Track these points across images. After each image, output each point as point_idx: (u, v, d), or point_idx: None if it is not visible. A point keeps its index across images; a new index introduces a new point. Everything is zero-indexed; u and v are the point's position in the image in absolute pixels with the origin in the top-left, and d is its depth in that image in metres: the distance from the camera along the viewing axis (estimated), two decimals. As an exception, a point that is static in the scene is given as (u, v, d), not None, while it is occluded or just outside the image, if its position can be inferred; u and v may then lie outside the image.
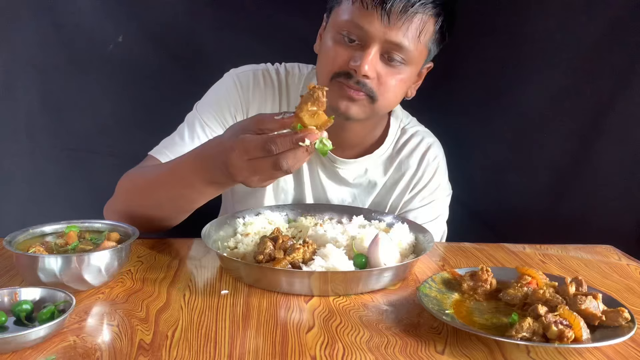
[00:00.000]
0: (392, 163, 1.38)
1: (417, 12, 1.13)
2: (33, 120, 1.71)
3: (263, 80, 1.34)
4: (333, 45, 1.18)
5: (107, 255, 0.93)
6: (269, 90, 1.35)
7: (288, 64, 1.39)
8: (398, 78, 1.19)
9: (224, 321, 0.85)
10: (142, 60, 1.71)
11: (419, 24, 1.15)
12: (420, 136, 1.40)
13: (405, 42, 1.14)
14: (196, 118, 1.30)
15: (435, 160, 1.38)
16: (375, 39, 1.14)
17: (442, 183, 1.40)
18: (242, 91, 1.33)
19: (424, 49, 1.20)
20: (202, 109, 1.31)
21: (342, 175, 1.36)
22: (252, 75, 1.34)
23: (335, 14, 1.20)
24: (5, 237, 0.95)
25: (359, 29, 1.14)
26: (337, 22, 1.18)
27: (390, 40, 1.13)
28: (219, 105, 1.31)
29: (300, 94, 1.31)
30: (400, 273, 1.01)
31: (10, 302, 0.82)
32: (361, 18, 1.13)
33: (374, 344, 0.79)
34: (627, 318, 0.80)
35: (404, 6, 1.11)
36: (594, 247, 1.28)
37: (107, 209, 1.25)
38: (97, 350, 0.75)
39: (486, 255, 1.19)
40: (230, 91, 1.32)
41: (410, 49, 1.15)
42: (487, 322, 0.85)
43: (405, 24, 1.13)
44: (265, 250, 1.01)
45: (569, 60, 1.58)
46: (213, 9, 1.70)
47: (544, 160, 1.66)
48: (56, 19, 1.66)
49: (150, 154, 1.27)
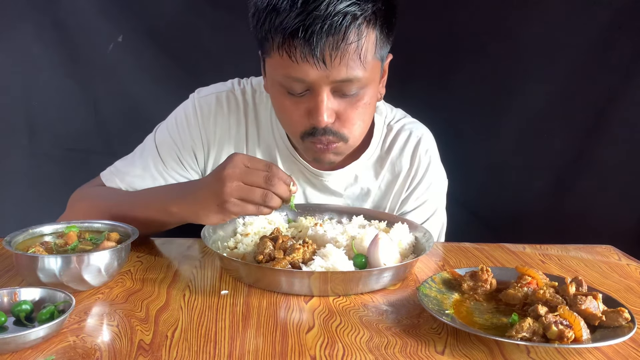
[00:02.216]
0: (382, 165, 1.32)
1: (351, 41, 1.01)
2: (33, 120, 1.71)
3: (227, 104, 1.28)
4: (282, 101, 1.11)
5: (107, 255, 0.93)
6: (232, 116, 1.28)
7: (255, 80, 1.32)
8: (360, 104, 1.10)
9: (224, 321, 0.85)
10: (142, 60, 1.71)
11: (359, 49, 1.03)
12: (408, 130, 1.33)
13: (352, 73, 1.04)
14: (152, 150, 1.27)
15: (427, 154, 1.33)
16: (320, 85, 1.04)
17: (436, 177, 1.35)
18: (203, 120, 1.27)
19: (374, 62, 1.09)
20: (160, 138, 1.27)
21: (332, 188, 1.31)
22: (214, 100, 1.28)
23: (268, 64, 1.11)
24: (5, 237, 0.95)
25: (300, 82, 1.05)
26: (274, 76, 1.10)
27: (336, 80, 1.04)
28: (177, 136, 1.27)
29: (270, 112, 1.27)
30: (400, 273, 1.01)
31: (10, 302, 0.82)
32: (296, 71, 1.03)
33: (374, 344, 0.79)
34: (627, 318, 0.80)
35: (334, 44, 1.00)
36: (594, 247, 1.28)
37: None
38: (96, 351, 0.75)
39: (486, 255, 1.19)
40: (190, 121, 1.27)
41: (360, 76, 1.05)
42: (487, 322, 0.85)
43: (344, 58, 1.02)
44: (265, 250, 1.01)
45: (570, 60, 1.58)
46: (213, 8, 1.70)
47: (544, 160, 1.66)
48: (56, 19, 1.66)
49: (99, 177, 1.27)
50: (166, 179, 1.26)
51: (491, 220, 1.71)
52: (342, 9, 0.99)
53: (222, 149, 1.29)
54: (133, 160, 1.28)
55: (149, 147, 1.28)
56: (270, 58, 1.08)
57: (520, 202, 1.69)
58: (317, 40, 0.99)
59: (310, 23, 0.98)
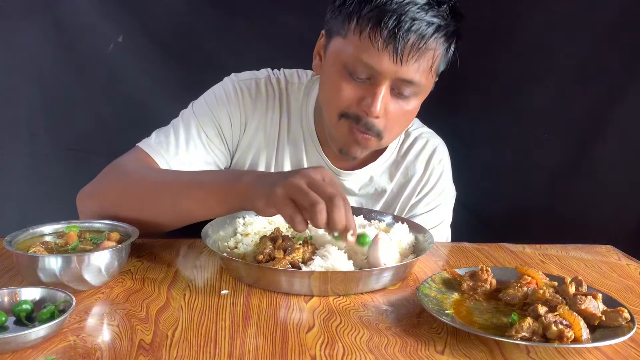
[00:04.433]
0: (397, 168, 1.35)
1: (430, 48, 1.08)
2: (33, 120, 1.72)
3: (265, 89, 1.31)
4: (339, 80, 1.13)
5: (107, 255, 0.93)
6: (270, 101, 1.31)
7: (287, 71, 1.35)
8: (407, 110, 1.15)
9: (224, 321, 0.85)
10: (142, 60, 1.71)
11: (431, 57, 1.10)
12: (425, 138, 1.37)
13: (417, 77, 1.10)
14: (193, 119, 1.25)
15: (440, 164, 1.36)
16: (385, 78, 1.09)
17: (446, 187, 1.37)
18: (244, 100, 1.29)
19: (433, 76, 1.17)
20: (199, 110, 1.27)
21: (348, 187, 1.33)
22: (254, 83, 1.30)
23: (339, 43, 1.13)
24: (5, 237, 0.95)
25: (369, 68, 1.08)
26: (341, 55, 1.12)
27: (402, 77, 1.09)
28: (217, 109, 1.27)
29: (300, 104, 1.30)
30: (400, 273, 1.01)
31: (10, 302, 0.82)
32: (371, 57, 1.07)
33: (373, 344, 0.79)
34: (627, 318, 0.80)
35: (417, 44, 1.06)
36: (594, 247, 1.28)
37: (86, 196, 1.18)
38: (97, 350, 0.75)
39: (486, 255, 1.19)
40: (231, 97, 1.28)
41: (421, 83, 1.12)
42: (487, 322, 0.85)
43: (418, 61, 1.08)
44: (265, 250, 1.01)
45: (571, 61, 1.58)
46: (213, 9, 1.70)
47: (544, 161, 1.66)
48: (56, 19, 1.67)
49: (142, 149, 1.21)
50: (210, 150, 1.26)
51: (491, 220, 1.72)
52: (430, 18, 1.06)
53: (257, 132, 1.31)
54: (176, 130, 1.24)
55: (187, 120, 1.26)
56: (344, 38, 1.11)
57: (520, 202, 1.69)
58: (405, 36, 1.05)
59: (403, 19, 1.04)
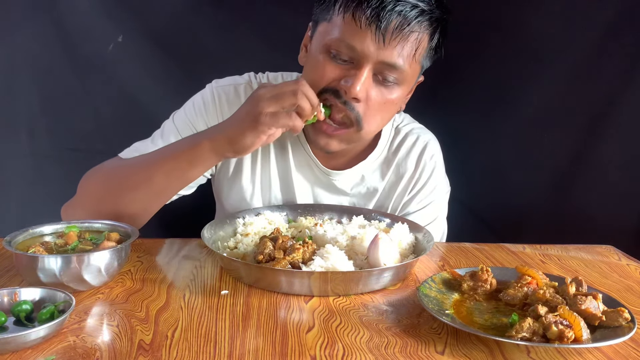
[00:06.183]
0: (389, 166, 1.34)
1: (413, 30, 1.08)
2: (33, 120, 1.71)
3: (245, 94, 1.29)
4: (322, 62, 1.13)
5: (107, 255, 0.93)
6: None
7: (271, 74, 1.35)
8: (388, 99, 1.15)
9: (224, 321, 0.85)
10: (142, 60, 1.71)
11: (415, 42, 1.10)
12: (416, 134, 1.36)
13: (399, 61, 1.10)
14: (172, 130, 1.27)
15: (432, 160, 1.35)
16: (368, 60, 1.09)
17: (439, 183, 1.36)
18: (221, 106, 1.28)
19: (417, 66, 1.16)
20: (178, 120, 1.28)
21: (339, 187, 1.33)
22: (233, 90, 1.30)
23: (323, 28, 1.14)
24: (5, 237, 0.95)
25: (351, 49, 1.09)
26: (326, 38, 1.13)
27: (384, 60, 1.09)
28: (195, 119, 1.28)
29: None
30: (400, 273, 1.01)
31: (10, 302, 0.82)
32: (353, 37, 1.08)
33: (374, 344, 0.79)
34: (627, 318, 0.80)
35: (399, 25, 1.06)
36: (594, 247, 1.28)
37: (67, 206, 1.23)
38: (97, 351, 0.75)
39: (486, 255, 1.19)
40: (208, 106, 1.28)
41: (404, 69, 1.11)
42: (487, 322, 0.85)
43: (400, 44, 1.08)
44: (265, 250, 1.01)
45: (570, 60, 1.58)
46: (213, 8, 1.70)
47: (544, 160, 1.66)
48: (56, 18, 1.66)
49: (119, 157, 1.26)
50: None
51: (491, 220, 1.71)
52: (415, 1, 1.07)
53: None
54: (154, 138, 1.28)
55: (168, 128, 1.28)
56: (328, 22, 1.13)
57: (520, 202, 1.68)
58: (388, 15, 1.05)
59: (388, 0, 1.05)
